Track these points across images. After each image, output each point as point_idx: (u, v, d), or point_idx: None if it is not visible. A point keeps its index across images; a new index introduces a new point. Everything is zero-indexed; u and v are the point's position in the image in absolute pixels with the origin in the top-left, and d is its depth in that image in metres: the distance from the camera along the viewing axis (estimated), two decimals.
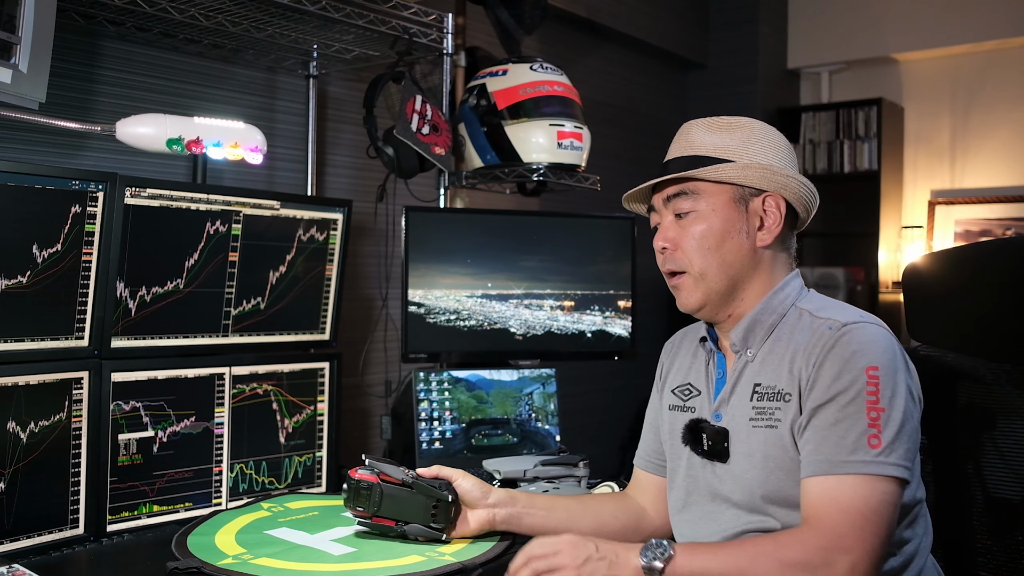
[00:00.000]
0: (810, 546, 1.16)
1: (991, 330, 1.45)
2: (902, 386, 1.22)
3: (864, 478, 1.17)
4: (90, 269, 1.61)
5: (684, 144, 1.38)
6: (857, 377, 1.21)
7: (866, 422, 1.19)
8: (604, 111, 3.74)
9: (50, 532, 1.56)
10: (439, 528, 1.46)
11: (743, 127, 1.36)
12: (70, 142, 1.92)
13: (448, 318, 2.23)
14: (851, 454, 1.18)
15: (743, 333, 1.35)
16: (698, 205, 1.34)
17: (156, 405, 1.72)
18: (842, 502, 1.17)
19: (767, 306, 1.34)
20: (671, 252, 1.37)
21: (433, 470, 1.50)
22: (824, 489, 1.20)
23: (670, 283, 1.40)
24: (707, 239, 1.34)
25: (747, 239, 1.34)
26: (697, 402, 1.42)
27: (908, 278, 1.58)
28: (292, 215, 1.93)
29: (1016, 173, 4.28)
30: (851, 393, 1.21)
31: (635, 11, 3.88)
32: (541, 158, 2.26)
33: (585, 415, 3.50)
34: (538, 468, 1.90)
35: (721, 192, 1.34)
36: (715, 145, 1.35)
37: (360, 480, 1.45)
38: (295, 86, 2.39)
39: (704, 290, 1.35)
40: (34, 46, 1.49)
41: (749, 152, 1.34)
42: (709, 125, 1.38)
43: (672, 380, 1.50)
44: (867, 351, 1.22)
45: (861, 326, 1.25)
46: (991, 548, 1.44)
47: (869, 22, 4.47)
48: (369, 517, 1.47)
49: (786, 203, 1.35)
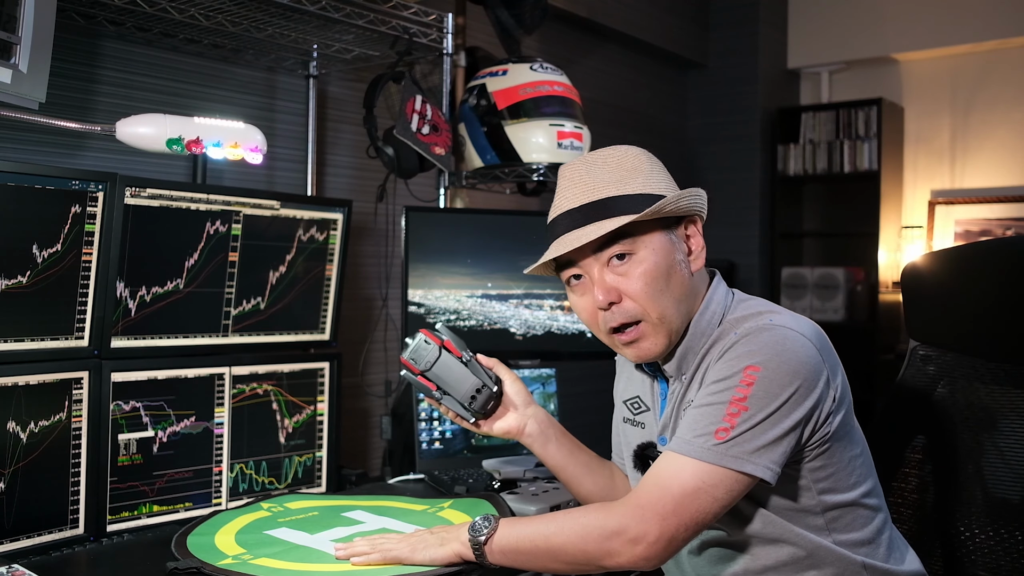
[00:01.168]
0: (615, 512, 1.19)
1: (991, 330, 1.45)
2: (785, 396, 1.17)
3: (693, 462, 1.17)
4: (90, 269, 1.61)
5: (583, 189, 1.28)
6: (734, 374, 1.19)
7: (722, 415, 1.17)
8: (604, 111, 3.74)
9: (50, 532, 1.56)
10: (472, 411, 1.48)
11: (623, 156, 1.30)
12: (70, 142, 1.92)
13: (448, 318, 2.23)
14: (694, 437, 1.18)
15: (677, 363, 1.32)
16: (635, 247, 1.26)
17: (156, 405, 1.72)
18: (662, 478, 1.18)
19: (695, 330, 1.31)
20: (617, 306, 1.27)
21: (492, 361, 1.51)
22: (659, 464, 1.21)
23: (620, 339, 1.29)
24: (656, 280, 1.26)
25: (685, 268, 1.30)
26: (647, 418, 1.41)
27: (907, 278, 1.58)
28: (292, 215, 1.93)
29: (1016, 173, 4.28)
30: (722, 385, 1.20)
31: (635, 11, 3.88)
32: (541, 158, 2.26)
33: (585, 415, 3.49)
34: (538, 468, 1.90)
35: (654, 228, 1.27)
36: (620, 181, 1.27)
37: (426, 337, 1.49)
38: (295, 86, 2.39)
39: (666, 332, 1.28)
40: (34, 46, 1.49)
41: (652, 180, 1.29)
42: (593, 164, 1.30)
43: (623, 390, 1.48)
44: (758, 352, 1.19)
45: (770, 329, 1.21)
46: (991, 548, 1.44)
47: (869, 22, 4.47)
48: (417, 373, 1.49)
49: (700, 221, 1.33)
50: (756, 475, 1.17)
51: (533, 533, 1.24)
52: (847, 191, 4.60)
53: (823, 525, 1.26)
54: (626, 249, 1.26)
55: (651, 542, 1.16)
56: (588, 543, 1.19)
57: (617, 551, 1.17)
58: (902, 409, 1.58)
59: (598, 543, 1.18)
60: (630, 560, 1.17)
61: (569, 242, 1.27)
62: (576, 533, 1.20)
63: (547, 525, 1.24)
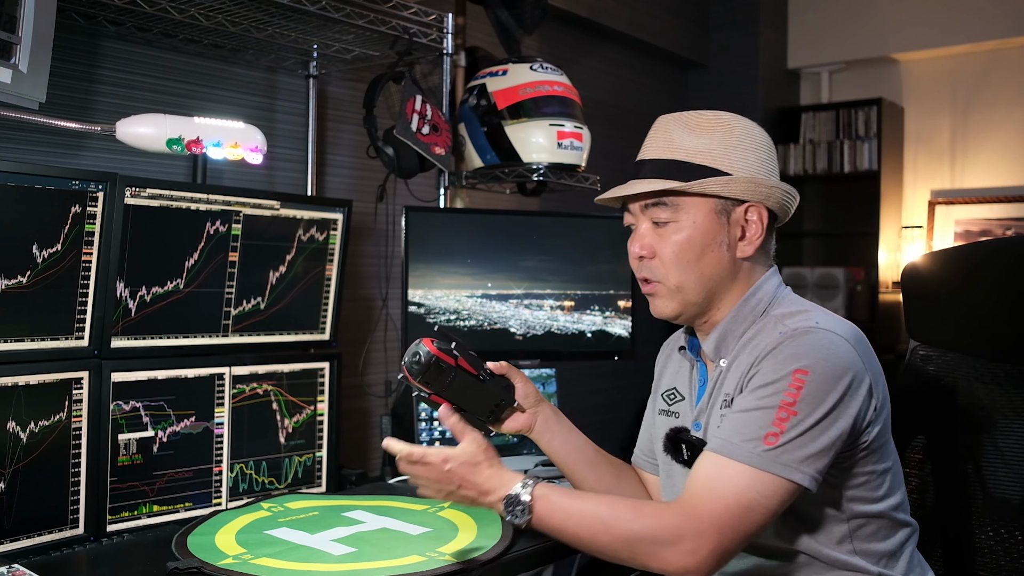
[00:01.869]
0: (667, 521, 1.15)
1: (991, 330, 1.45)
2: (832, 402, 1.17)
3: (747, 469, 1.15)
4: (90, 269, 1.61)
5: (661, 144, 1.32)
6: (783, 376, 1.18)
7: (772, 419, 1.16)
8: (604, 111, 3.74)
9: (50, 532, 1.55)
10: (489, 422, 1.46)
11: (723, 127, 1.30)
12: (70, 142, 1.92)
13: (448, 318, 2.23)
14: (744, 442, 1.16)
15: (715, 345, 1.32)
16: (677, 216, 1.29)
17: (156, 405, 1.72)
18: (715, 484, 1.16)
19: (738, 314, 1.31)
20: (648, 260, 1.32)
21: (503, 367, 1.48)
22: (707, 467, 1.19)
23: (644, 289, 1.36)
24: (686, 252, 1.29)
25: (727, 251, 1.30)
26: (682, 407, 1.40)
27: (907, 278, 1.58)
28: (292, 215, 1.93)
29: (1016, 173, 4.28)
30: (770, 389, 1.18)
31: (635, 11, 3.88)
32: (541, 158, 2.25)
33: (585, 415, 3.48)
34: (538, 468, 1.90)
35: (702, 203, 1.29)
36: (696, 148, 1.28)
37: (440, 360, 1.35)
38: (295, 86, 2.39)
39: (680, 302, 1.32)
40: (34, 46, 1.48)
41: (731, 157, 1.28)
42: (687, 123, 1.31)
43: (663, 384, 1.48)
44: (805, 355, 1.18)
45: (813, 331, 1.21)
46: (991, 548, 1.44)
47: (869, 22, 4.47)
48: (429, 394, 1.39)
49: (768, 212, 1.31)
50: (803, 484, 1.16)
51: (576, 527, 1.20)
52: (847, 191, 4.60)
53: (847, 533, 1.25)
54: (669, 215, 1.30)
55: (705, 555, 1.13)
56: (636, 548, 1.16)
57: (668, 560, 1.14)
58: (902, 409, 1.58)
59: (648, 549, 1.15)
60: (678, 569, 1.14)
61: (618, 190, 1.34)
62: (625, 537, 1.16)
63: (592, 522, 1.19)
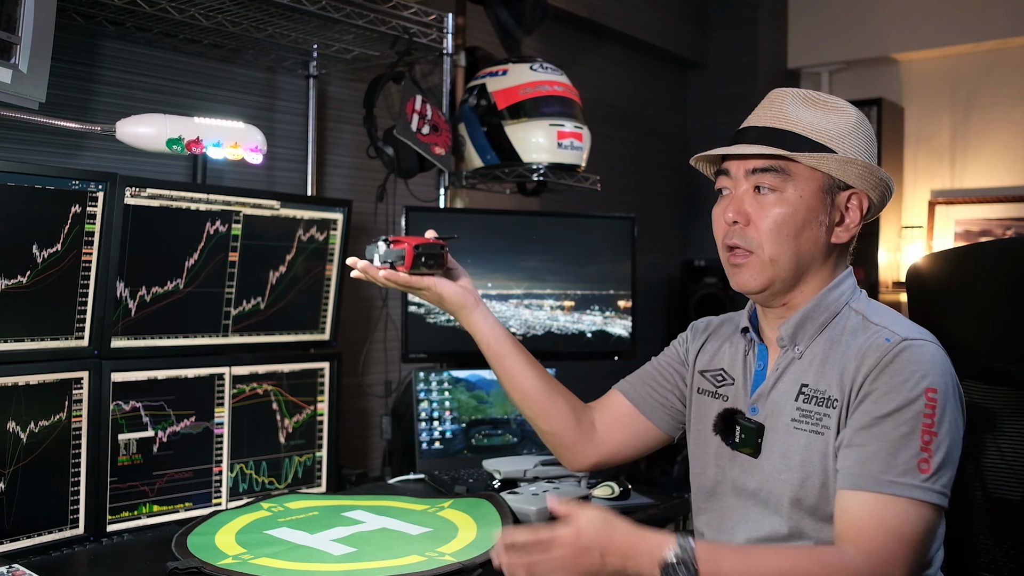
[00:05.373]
0: (857, 572, 1.13)
1: (991, 330, 1.45)
2: (953, 413, 1.19)
3: (911, 503, 1.14)
4: (90, 269, 1.61)
5: (777, 114, 1.28)
6: (917, 397, 1.17)
7: (919, 444, 1.15)
8: (604, 111, 3.74)
9: (50, 532, 1.56)
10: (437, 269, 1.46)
11: (841, 111, 1.28)
12: (70, 142, 1.92)
13: (448, 318, 2.22)
14: (901, 475, 1.15)
15: (793, 329, 1.30)
16: (785, 186, 1.26)
17: (156, 405, 1.72)
18: (891, 525, 1.14)
19: (820, 303, 1.29)
20: (742, 227, 1.28)
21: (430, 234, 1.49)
22: (869, 507, 1.15)
23: (731, 259, 1.30)
24: (787, 225, 1.25)
25: (824, 232, 1.28)
26: (731, 391, 1.36)
27: (912, 278, 1.58)
28: (292, 215, 1.93)
29: (1016, 173, 4.27)
30: (909, 413, 1.17)
31: (635, 11, 3.88)
32: (541, 158, 2.25)
33: None
34: (538, 468, 1.90)
35: (813, 179, 1.26)
36: (812, 126, 1.26)
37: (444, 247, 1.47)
38: (295, 86, 2.39)
39: (770, 276, 1.27)
40: (34, 46, 1.48)
41: (846, 142, 1.26)
42: (804, 99, 1.28)
43: (701, 361, 1.44)
44: (929, 372, 1.18)
45: (921, 344, 1.21)
46: (992, 549, 1.44)
47: (869, 22, 4.47)
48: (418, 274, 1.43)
49: (868, 202, 1.30)
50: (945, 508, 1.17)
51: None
52: None
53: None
54: (775, 183, 1.26)
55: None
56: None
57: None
58: None
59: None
60: None
61: (732, 148, 1.28)
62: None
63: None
